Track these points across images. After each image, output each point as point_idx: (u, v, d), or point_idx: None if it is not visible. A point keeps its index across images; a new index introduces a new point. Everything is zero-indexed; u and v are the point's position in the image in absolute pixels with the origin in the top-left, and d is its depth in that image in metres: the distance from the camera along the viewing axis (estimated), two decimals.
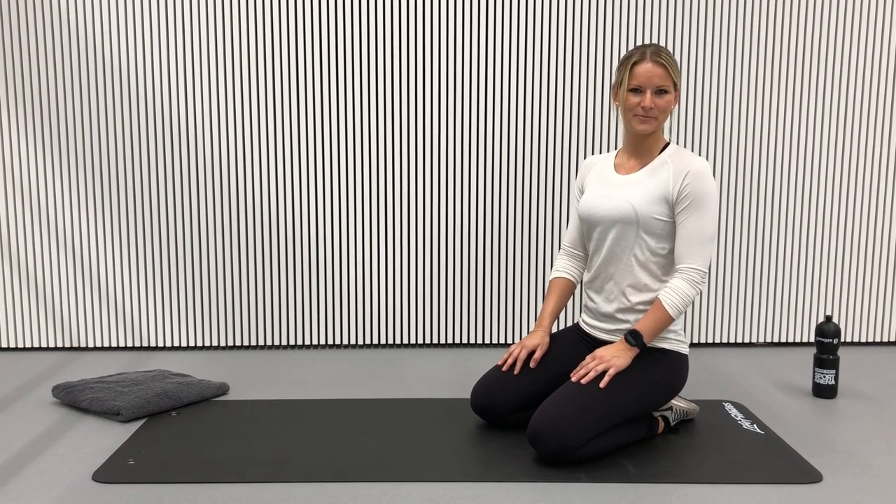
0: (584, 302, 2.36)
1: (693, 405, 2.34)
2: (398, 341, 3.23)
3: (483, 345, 3.24)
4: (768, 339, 3.28)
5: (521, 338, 3.20)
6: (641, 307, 2.19)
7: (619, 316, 2.22)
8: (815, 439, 2.23)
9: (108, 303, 3.15)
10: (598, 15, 3.05)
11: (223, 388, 2.64)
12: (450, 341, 3.23)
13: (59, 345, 3.17)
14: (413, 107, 3.08)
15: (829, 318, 2.57)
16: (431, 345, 3.24)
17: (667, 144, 2.21)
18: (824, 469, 2.03)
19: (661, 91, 2.12)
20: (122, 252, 3.12)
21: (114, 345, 3.18)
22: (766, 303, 3.25)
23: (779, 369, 2.93)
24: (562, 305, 2.39)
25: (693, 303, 2.16)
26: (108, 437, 2.24)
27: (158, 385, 2.52)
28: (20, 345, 3.17)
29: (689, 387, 2.68)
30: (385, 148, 3.09)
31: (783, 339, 3.28)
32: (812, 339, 3.26)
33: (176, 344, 3.19)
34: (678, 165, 2.13)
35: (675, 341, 2.20)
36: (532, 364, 2.27)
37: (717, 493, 1.90)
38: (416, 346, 3.24)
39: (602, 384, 2.05)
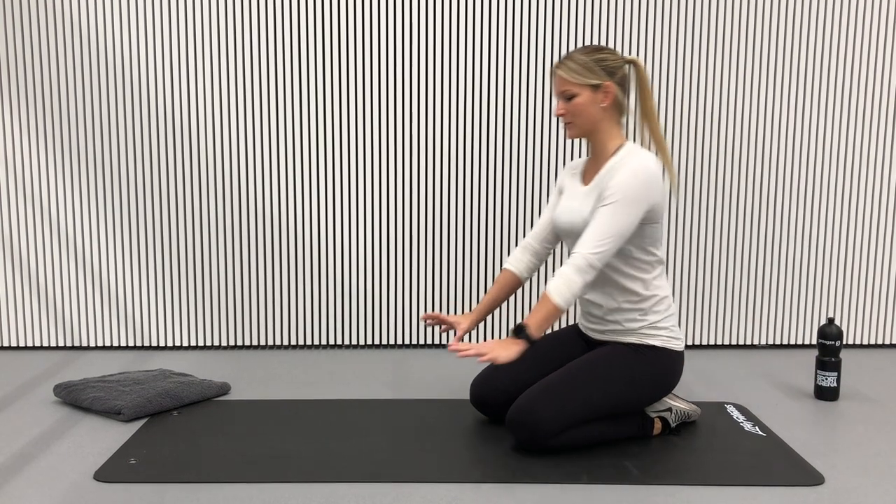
0: (577, 304, 2.37)
1: (694, 407, 2.32)
2: (401, 342, 3.23)
3: None
4: (770, 341, 3.28)
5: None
6: (628, 305, 2.17)
7: (608, 317, 2.21)
8: (817, 441, 2.23)
9: (110, 302, 3.15)
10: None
11: (225, 388, 2.64)
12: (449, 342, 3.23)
13: (61, 344, 3.18)
14: (418, 104, 3.08)
15: (831, 321, 2.57)
16: (434, 345, 3.24)
17: (624, 144, 2.16)
18: (826, 471, 2.02)
19: (570, 96, 2.11)
20: (124, 251, 3.12)
21: (115, 344, 3.18)
22: (768, 305, 3.24)
23: (781, 371, 2.93)
24: (500, 300, 2.37)
25: (663, 299, 2.11)
26: (110, 436, 2.24)
27: (160, 384, 2.52)
28: (22, 343, 3.17)
29: (691, 388, 2.68)
30: (392, 146, 3.10)
31: (785, 341, 3.28)
32: (814, 341, 3.26)
33: (177, 343, 3.19)
34: (619, 165, 2.09)
35: (666, 338, 2.18)
36: (428, 323, 2.34)
37: (718, 495, 1.90)
38: (419, 346, 3.24)
39: (460, 354, 1.98)
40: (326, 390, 2.67)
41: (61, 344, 3.18)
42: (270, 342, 3.21)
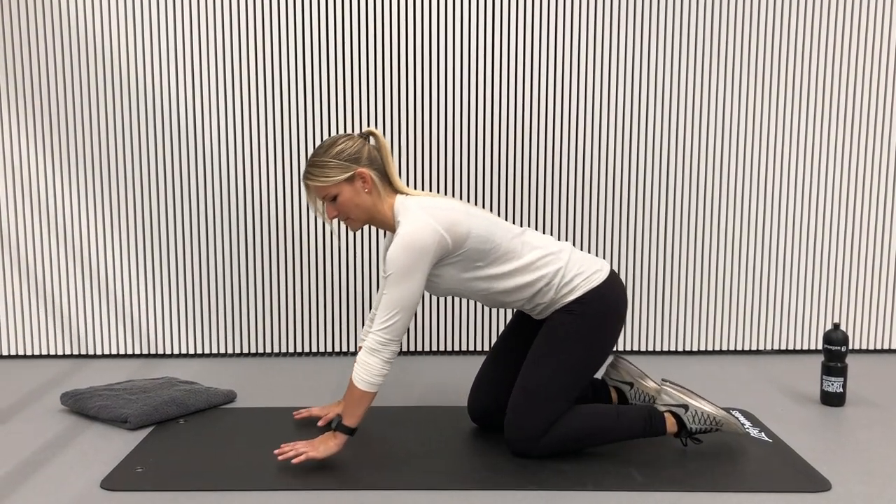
0: None
1: (724, 414, 2.16)
2: (406, 349, 3.23)
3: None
4: (776, 347, 3.27)
5: None
6: (532, 291, 2.12)
7: (528, 307, 2.20)
8: (824, 447, 2.23)
9: (116, 310, 3.16)
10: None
11: (231, 396, 2.64)
12: (458, 349, 3.23)
13: (68, 352, 3.18)
14: (420, 104, 3.09)
15: (836, 326, 2.57)
16: (440, 352, 3.24)
17: (400, 210, 2.09)
18: (833, 477, 2.02)
19: (333, 198, 2.08)
20: (130, 260, 3.13)
21: (122, 352, 3.19)
22: (773, 310, 3.24)
23: (786, 377, 2.92)
24: None
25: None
26: (116, 444, 2.24)
27: (166, 392, 2.53)
28: (29, 352, 3.18)
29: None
30: (396, 155, 3.10)
31: (791, 347, 3.27)
32: (820, 347, 3.25)
33: (184, 351, 3.20)
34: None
35: (583, 282, 2.13)
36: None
37: (724, 501, 1.89)
38: (424, 353, 3.24)
39: (295, 461, 2.00)
40: (332, 398, 2.67)
41: (68, 352, 3.19)
42: (276, 350, 3.22)
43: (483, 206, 3.14)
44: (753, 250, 3.20)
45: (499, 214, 3.14)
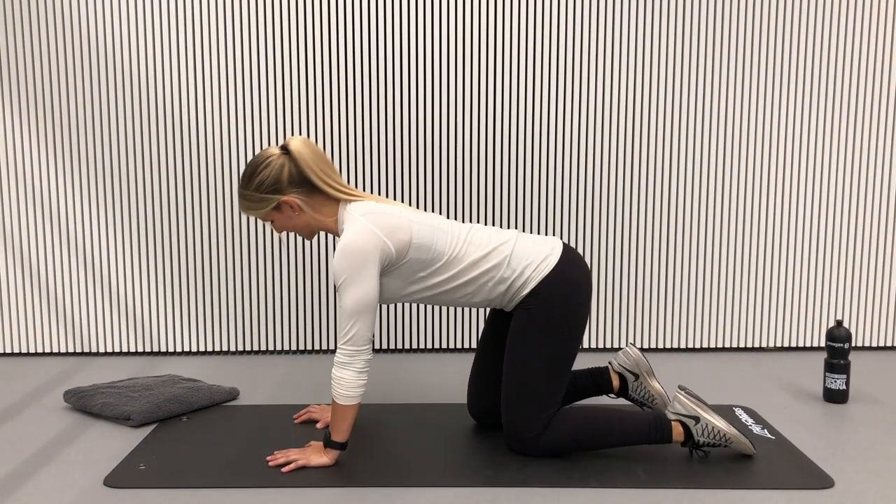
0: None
1: (737, 435, 2.08)
2: (408, 346, 3.23)
3: None
4: (779, 344, 3.27)
5: None
6: (486, 292, 2.10)
7: (490, 306, 2.18)
8: (827, 444, 2.22)
9: (119, 308, 3.16)
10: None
11: (233, 393, 2.64)
12: (459, 346, 3.23)
13: (71, 350, 3.19)
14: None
15: (839, 323, 2.56)
16: (441, 349, 3.24)
17: (344, 219, 2.06)
18: (836, 474, 2.02)
19: (272, 221, 2.09)
20: (133, 257, 3.13)
21: (125, 350, 3.19)
22: (776, 307, 3.23)
23: (789, 374, 2.92)
24: None
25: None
26: (119, 441, 2.25)
27: (169, 390, 2.53)
28: (32, 350, 3.18)
29: (700, 391, 2.66)
30: (400, 153, 3.10)
31: (794, 344, 3.27)
32: (823, 344, 3.24)
33: (186, 349, 3.20)
34: None
35: (533, 274, 2.08)
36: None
37: (727, 498, 1.89)
38: (426, 350, 3.24)
39: (284, 470, 2.01)
40: None
41: (71, 350, 3.19)
42: (280, 347, 3.22)
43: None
44: (756, 247, 3.20)
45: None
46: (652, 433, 2.10)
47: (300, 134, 3.07)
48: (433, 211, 3.14)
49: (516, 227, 3.15)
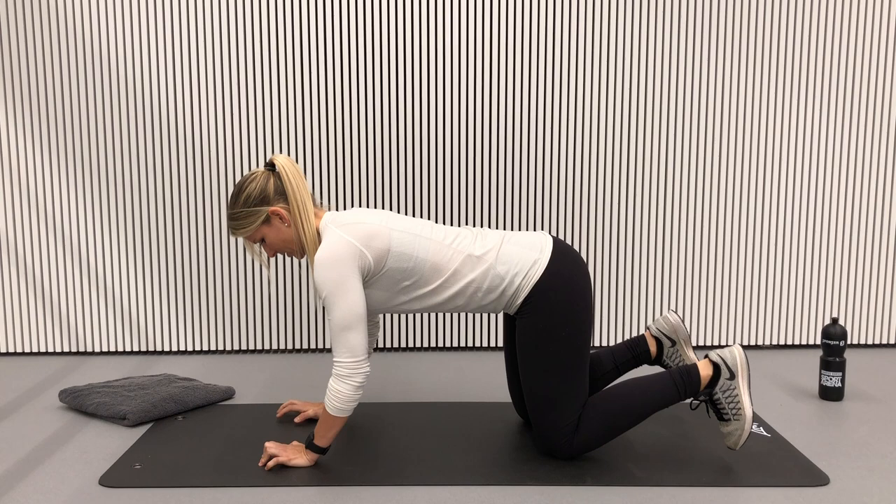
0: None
1: (750, 418, 1.99)
2: (404, 344, 3.23)
3: (490, 348, 3.24)
4: (774, 342, 3.27)
5: None
6: (477, 300, 2.08)
7: (478, 311, 2.16)
8: (822, 442, 2.23)
9: (114, 307, 3.16)
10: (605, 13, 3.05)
11: (229, 393, 2.64)
12: (456, 345, 3.23)
13: (66, 349, 3.18)
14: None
15: (835, 321, 2.57)
16: (438, 348, 3.24)
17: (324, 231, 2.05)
18: (831, 472, 2.02)
19: (261, 240, 2.10)
20: (128, 257, 3.13)
21: (120, 349, 3.19)
22: (771, 305, 3.24)
23: (785, 371, 2.93)
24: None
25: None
26: (115, 441, 2.24)
27: (164, 389, 2.53)
28: (27, 349, 3.18)
29: None
30: (402, 153, 3.10)
31: (789, 342, 3.27)
32: (818, 342, 3.25)
33: (182, 348, 3.20)
34: None
35: (523, 281, 2.05)
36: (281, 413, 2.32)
37: (723, 496, 1.89)
38: (422, 349, 3.24)
39: (266, 466, 2.02)
40: None
41: (66, 349, 3.18)
42: (275, 346, 3.22)
43: (493, 208, 3.14)
44: (752, 246, 3.20)
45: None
46: (681, 387, 2.03)
47: (300, 140, 3.07)
48: (431, 216, 3.14)
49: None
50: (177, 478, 1.99)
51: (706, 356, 2.07)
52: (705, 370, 2.04)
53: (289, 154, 3.08)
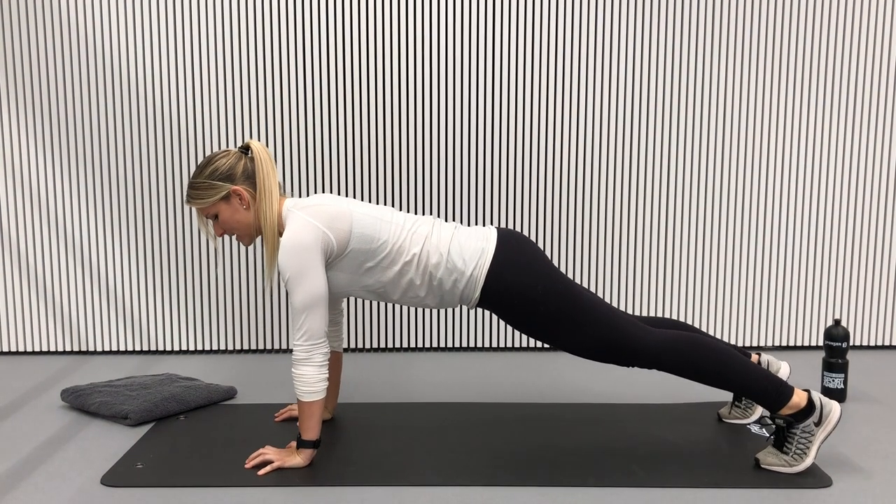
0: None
1: (811, 459, 2.00)
2: (405, 345, 3.23)
3: (489, 349, 3.24)
4: (776, 343, 3.27)
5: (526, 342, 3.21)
6: (445, 285, 2.08)
7: (434, 305, 2.17)
8: (824, 444, 2.22)
9: (116, 307, 3.16)
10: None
11: (231, 392, 2.64)
12: (456, 345, 3.23)
13: (68, 349, 3.18)
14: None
15: (837, 322, 2.56)
16: (438, 348, 3.24)
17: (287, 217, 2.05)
18: (833, 474, 2.02)
19: (214, 216, 2.09)
20: (130, 256, 3.13)
21: (122, 349, 3.19)
22: (774, 306, 3.23)
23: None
24: (333, 380, 2.35)
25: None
26: (117, 440, 2.24)
27: (166, 389, 2.53)
28: (29, 349, 3.18)
29: (696, 389, 2.66)
30: (394, 147, 3.10)
31: (791, 343, 3.27)
32: (821, 343, 3.25)
33: (184, 348, 3.20)
34: None
35: (474, 269, 2.05)
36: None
37: (725, 497, 1.89)
38: (422, 349, 3.24)
39: (260, 473, 2.00)
40: None
41: (68, 349, 3.19)
42: (277, 346, 3.22)
43: (470, 201, 3.13)
44: (754, 247, 3.20)
45: (488, 210, 3.14)
46: (768, 392, 2.01)
47: (302, 141, 3.07)
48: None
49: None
50: (178, 477, 1.99)
51: (807, 390, 2.04)
52: (799, 399, 2.02)
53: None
